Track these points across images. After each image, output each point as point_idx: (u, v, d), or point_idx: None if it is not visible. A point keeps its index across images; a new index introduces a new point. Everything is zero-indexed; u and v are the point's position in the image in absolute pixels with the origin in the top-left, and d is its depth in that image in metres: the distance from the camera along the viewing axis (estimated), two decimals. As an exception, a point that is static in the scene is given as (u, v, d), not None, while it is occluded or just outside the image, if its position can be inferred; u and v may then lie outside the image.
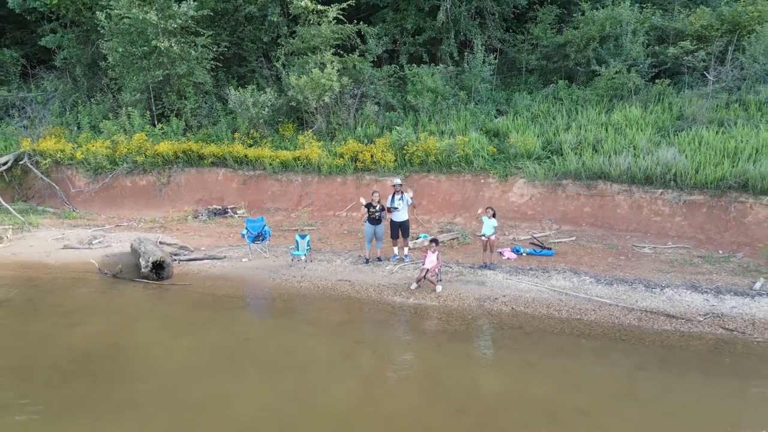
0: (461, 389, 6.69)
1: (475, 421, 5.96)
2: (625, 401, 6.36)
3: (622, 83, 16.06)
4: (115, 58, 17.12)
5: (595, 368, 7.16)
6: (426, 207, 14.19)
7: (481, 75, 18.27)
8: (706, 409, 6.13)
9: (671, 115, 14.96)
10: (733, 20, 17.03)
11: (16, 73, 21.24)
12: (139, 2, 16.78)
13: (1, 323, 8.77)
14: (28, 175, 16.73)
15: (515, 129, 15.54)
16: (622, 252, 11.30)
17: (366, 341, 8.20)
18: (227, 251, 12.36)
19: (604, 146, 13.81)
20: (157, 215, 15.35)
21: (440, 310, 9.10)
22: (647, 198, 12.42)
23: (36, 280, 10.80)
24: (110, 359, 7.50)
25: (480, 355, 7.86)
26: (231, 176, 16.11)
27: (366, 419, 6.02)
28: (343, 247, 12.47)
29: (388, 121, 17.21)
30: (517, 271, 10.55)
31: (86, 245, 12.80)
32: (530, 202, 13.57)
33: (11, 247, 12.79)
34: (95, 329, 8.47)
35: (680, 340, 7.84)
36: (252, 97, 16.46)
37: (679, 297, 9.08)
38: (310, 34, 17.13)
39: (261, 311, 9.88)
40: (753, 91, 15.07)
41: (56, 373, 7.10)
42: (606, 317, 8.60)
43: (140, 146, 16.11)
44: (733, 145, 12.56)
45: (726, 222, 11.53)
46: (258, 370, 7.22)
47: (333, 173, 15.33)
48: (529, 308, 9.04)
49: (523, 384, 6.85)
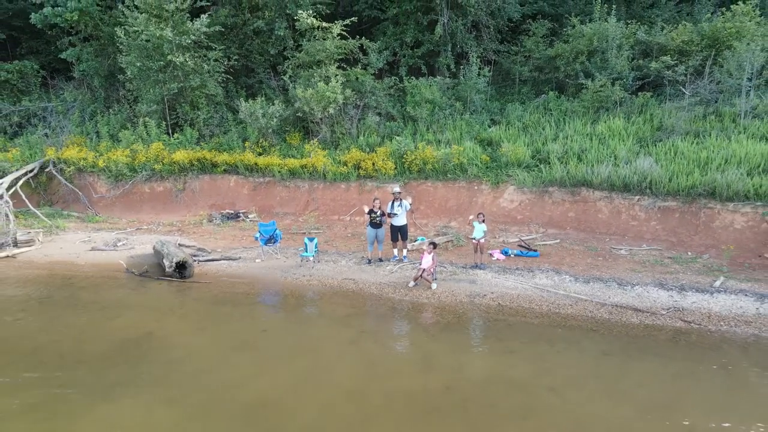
0: (450, 370, 7.83)
1: (461, 396, 7.10)
2: (590, 381, 7.50)
3: (607, 96, 17.21)
4: (132, 71, 18.27)
5: (567, 354, 8.29)
6: (423, 212, 15.33)
7: (477, 86, 19.42)
8: (656, 387, 7.25)
9: (652, 126, 16.12)
10: (713, 36, 18.17)
11: (37, 84, 22.46)
12: (155, 19, 17.93)
13: (48, 317, 9.90)
14: (53, 181, 17.90)
15: (507, 139, 16.69)
16: (600, 253, 12.45)
17: (369, 331, 9.36)
18: (241, 252, 13.51)
19: (588, 156, 14.96)
20: (175, 219, 16.51)
21: (435, 305, 10.24)
22: (626, 204, 13.57)
23: (71, 279, 11.95)
24: (146, 346, 8.65)
25: (468, 343, 9.00)
26: (242, 183, 17.28)
27: (368, 394, 7.16)
28: (348, 248, 13.62)
29: (389, 131, 18.37)
30: (504, 270, 11.70)
31: (112, 247, 13.97)
32: (519, 208, 14.72)
33: (43, 249, 13.96)
34: (131, 321, 9.62)
35: (644, 331, 8.98)
36: (261, 109, 17.63)
37: (647, 293, 10.23)
38: (316, 49, 18.26)
39: (275, 306, 11.01)
40: (729, 104, 16.21)
41: (101, 358, 8.25)
42: (581, 311, 9.75)
43: (158, 155, 17.28)
44: (705, 156, 13.70)
45: (696, 226, 12.67)
46: (275, 355, 8.37)
47: (337, 180, 16.49)
48: (513, 303, 10.18)
49: (504, 367, 7.99)
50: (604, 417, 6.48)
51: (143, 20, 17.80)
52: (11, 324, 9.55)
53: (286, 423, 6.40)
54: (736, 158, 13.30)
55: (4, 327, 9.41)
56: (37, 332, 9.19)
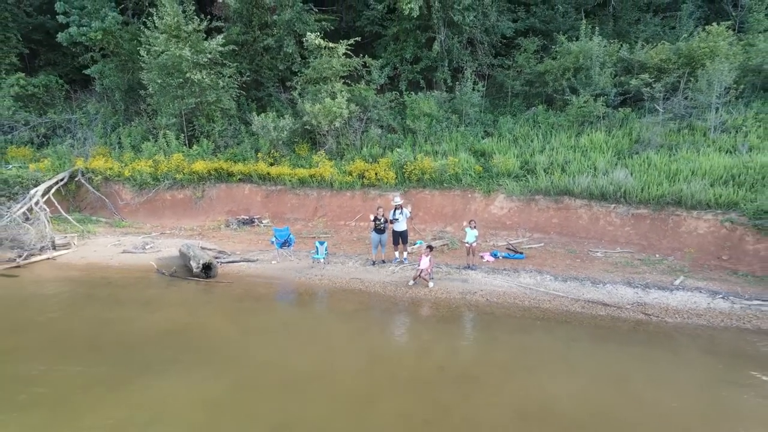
0: (444, 355, 9.37)
1: (452, 374, 8.63)
2: (558, 362, 9.03)
3: (590, 111, 18.75)
4: (154, 87, 19.80)
5: (542, 341, 9.82)
6: (422, 218, 16.86)
7: (471, 101, 20.95)
8: (612, 366, 8.78)
9: (630, 140, 17.67)
10: (689, 54, 19.69)
11: (61, 97, 23.97)
12: (174, 39, 19.46)
13: (96, 312, 11.41)
14: (81, 189, 19.41)
15: (499, 150, 18.24)
16: (579, 256, 14.00)
17: (374, 323, 10.90)
18: (258, 255, 15.04)
19: (570, 167, 16.52)
20: (195, 224, 18.05)
21: (431, 301, 11.79)
22: (603, 211, 15.12)
23: (109, 279, 13.47)
24: (186, 335, 10.17)
25: (459, 332, 10.54)
26: (256, 190, 18.82)
27: (375, 373, 8.69)
28: (354, 251, 15.15)
29: (390, 142, 19.92)
30: (493, 271, 13.24)
31: (141, 250, 15.50)
32: (508, 214, 16.27)
33: (79, 252, 15.49)
34: (169, 315, 11.16)
35: (609, 322, 10.53)
36: (273, 122, 19.16)
37: (616, 291, 11.78)
38: (322, 66, 19.78)
39: (292, 302, 12.53)
40: (701, 119, 17.75)
41: (149, 345, 9.76)
42: (557, 306, 11.29)
43: (178, 165, 18.81)
44: (675, 168, 15.26)
45: (665, 231, 14.21)
46: (296, 342, 9.91)
47: (343, 188, 18.03)
48: (500, 299, 11.72)
49: (489, 351, 9.54)
50: (565, 388, 8.01)
51: (164, 40, 19.32)
52: (67, 318, 11.06)
53: (310, 393, 7.92)
54: (702, 170, 14.84)
55: (61, 321, 10.91)
56: (89, 324, 10.71)
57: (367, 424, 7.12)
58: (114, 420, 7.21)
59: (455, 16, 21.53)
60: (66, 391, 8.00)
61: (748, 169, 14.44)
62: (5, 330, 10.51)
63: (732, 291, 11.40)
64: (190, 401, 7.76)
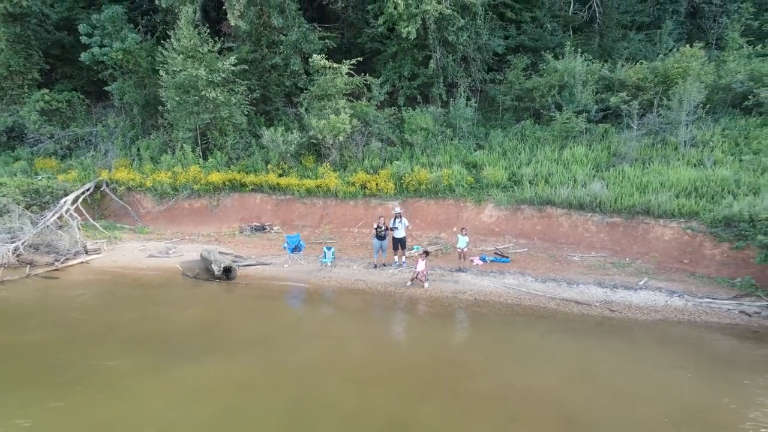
0: (437, 344, 11.05)
1: (443, 360, 10.31)
2: (533, 350, 10.71)
3: (572, 126, 20.46)
4: (171, 104, 21.46)
5: (520, 333, 11.51)
6: (418, 225, 18.53)
7: (464, 115, 22.65)
8: (577, 354, 10.47)
9: (608, 153, 19.38)
10: (664, 74, 21.41)
11: (82, 111, 25.63)
12: (191, 60, 21.12)
13: (133, 310, 13.06)
14: (105, 198, 21.05)
15: (489, 163, 19.93)
16: (558, 259, 15.71)
17: (377, 318, 12.60)
18: (271, 259, 16.70)
19: (553, 179, 18.21)
20: (211, 231, 19.71)
21: (426, 299, 13.47)
22: (581, 219, 16.82)
23: (140, 281, 15.13)
24: (215, 329, 11.83)
25: (450, 326, 12.22)
26: (266, 200, 20.49)
27: (377, 360, 10.36)
28: (357, 255, 16.83)
29: (389, 155, 21.61)
30: (482, 273, 14.94)
31: (165, 254, 17.17)
32: (496, 222, 17.97)
33: (109, 256, 17.14)
34: (198, 312, 12.84)
35: (580, 317, 12.22)
36: (282, 136, 20.83)
37: (588, 290, 13.49)
38: (327, 84, 21.45)
39: (304, 300, 14.18)
40: (673, 134, 19.47)
41: (184, 337, 11.41)
42: (536, 303, 12.99)
43: (195, 176, 20.48)
44: (646, 180, 16.97)
45: (635, 237, 15.91)
46: (309, 335, 11.58)
47: (347, 198, 19.71)
48: (486, 298, 13.41)
49: (475, 341, 11.24)
50: (537, 370, 9.71)
51: (181, 61, 20.98)
52: (108, 315, 12.71)
53: (323, 375, 9.59)
54: (670, 182, 16.55)
55: (104, 317, 12.56)
56: (129, 320, 12.36)
57: (371, 399, 8.79)
58: (160, 398, 8.85)
59: (450, 36, 23.23)
60: (114, 376, 9.59)
61: (710, 181, 16.15)
62: (55, 325, 12.16)
63: (687, 290, 13.12)
64: (222, 382, 9.41)
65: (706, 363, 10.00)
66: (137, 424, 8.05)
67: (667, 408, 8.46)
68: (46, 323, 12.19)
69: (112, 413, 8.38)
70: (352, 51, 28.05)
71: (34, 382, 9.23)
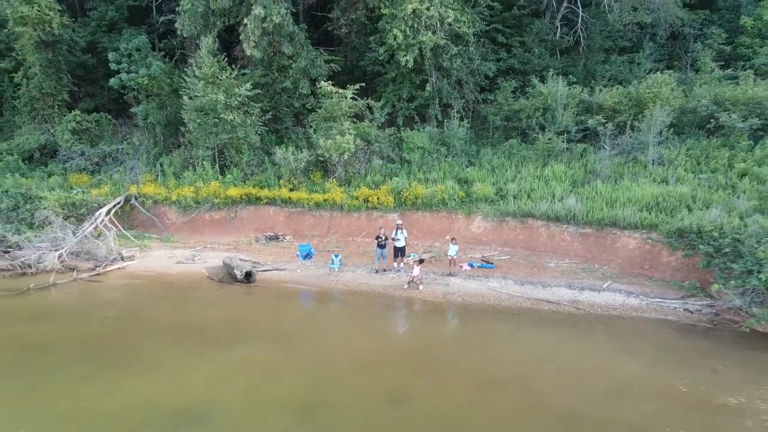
0: (429, 336, 13.31)
1: (433, 347, 12.58)
2: (508, 341, 12.95)
3: (553, 146, 22.78)
4: (193, 125, 23.83)
5: (499, 326, 13.77)
6: (415, 235, 20.79)
7: (457, 135, 24.98)
8: (544, 343, 12.71)
9: (585, 171, 21.68)
10: (638, 98, 23.76)
11: (109, 130, 28.03)
12: (211, 86, 23.49)
13: (172, 308, 15.34)
14: (134, 210, 23.36)
15: (479, 179, 22.23)
16: (536, 265, 17.98)
17: (379, 315, 14.88)
18: (285, 265, 18.97)
19: (535, 194, 20.50)
20: (230, 240, 22.01)
21: (421, 300, 15.72)
22: (558, 230, 19.10)
23: (172, 283, 17.41)
24: (241, 324, 14.08)
25: (441, 321, 14.50)
26: (279, 212, 22.81)
27: (380, 349, 12.62)
28: (361, 262, 19.10)
29: (389, 171, 23.92)
30: (469, 277, 17.20)
31: (191, 261, 19.45)
32: (484, 232, 20.26)
33: (142, 262, 19.43)
34: (225, 310, 15.11)
35: (550, 314, 14.47)
36: (293, 155, 23.18)
37: (559, 291, 15.75)
38: (333, 108, 23.79)
39: (315, 300, 16.44)
40: (644, 154, 21.77)
41: (213, 329, 13.65)
42: (514, 303, 15.25)
43: (215, 191, 22.80)
44: (615, 195, 19.24)
45: (604, 246, 18.17)
46: (321, 328, 13.87)
47: (351, 210, 21.99)
48: (472, 299, 15.65)
49: (460, 334, 13.53)
50: (508, 355, 11.98)
51: (202, 87, 23.37)
52: (150, 311, 15.00)
53: (334, 359, 11.86)
54: (636, 198, 18.82)
55: (146, 313, 14.84)
56: (168, 316, 14.65)
57: (374, 376, 11.05)
58: (201, 376, 11.08)
59: (444, 62, 25.61)
60: (162, 358, 11.86)
61: (670, 197, 18.41)
62: (107, 319, 14.45)
63: (643, 292, 15.39)
64: (250, 365, 11.64)
65: (647, 349, 12.25)
66: (185, 395, 10.29)
67: (608, 382, 10.74)
68: (99, 318, 14.49)
69: (164, 386, 10.64)
70: (354, 72, 30.52)
71: (99, 362, 11.51)
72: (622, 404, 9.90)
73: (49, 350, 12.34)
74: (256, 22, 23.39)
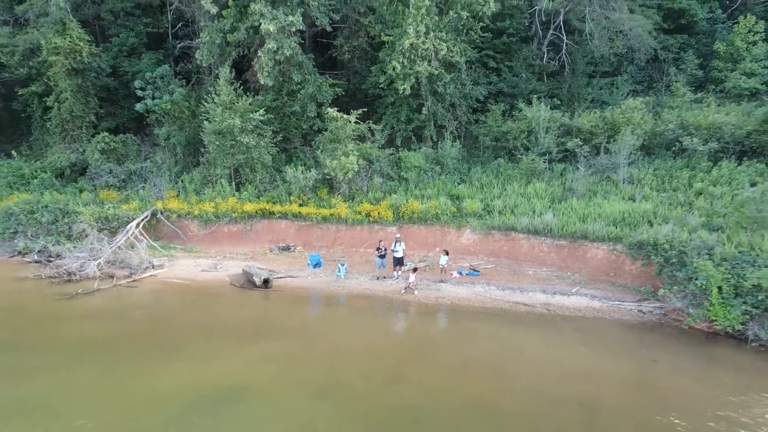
0: (422, 333, 15.93)
1: (425, 341, 15.19)
2: (489, 337, 15.49)
3: (535, 166, 25.44)
4: (212, 147, 26.50)
5: (481, 325, 16.34)
6: (411, 246, 23.37)
7: (450, 155, 27.64)
8: (517, 338, 15.30)
9: (563, 189, 24.32)
10: (612, 122, 26.46)
11: (134, 150, 30.73)
12: (228, 111, 26.17)
13: (200, 310, 17.92)
14: (160, 223, 25.97)
15: (469, 196, 24.86)
16: (517, 273, 20.58)
17: (379, 315, 17.48)
18: (297, 272, 21.56)
19: (518, 209, 23.12)
20: (246, 250, 24.62)
21: (416, 302, 18.31)
22: (537, 242, 21.70)
23: (200, 289, 19.98)
24: (264, 323, 16.67)
25: (432, 321, 17.08)
26: (290, 225, 25.43)
27: (380, 343, 15.21)
28: (364, 270, 21.68)
29: (389, 188, 26.55)
30: (458, 283, 19.78)
31: (214, 269, 22.05)
32: (472, 244, 22.88)
33: (170, 271, 22.01)
34: (249, 311, 17.71)
35: (525, 315, 17.06)
36: (302, 174, 25.83)
37: (534, 295, 18.34)
38: (338, 131, 26.44)
39: (324, 303, 18.99)
40: (616, 173, 24.41)
41: (239, 328, 16.22)
42: (496, 305, 17.84)
43: (233, 206, 25.44)
44: (588, 211, 21.85)
45: (577, 256, 20.76)
46: (330, 327, 16.48)
47: (355, 224, 24.60)
48: (460, 302, 18.24)
49: (448, 331, 16.14)
50: (487, 347, 14.57)
51: (220, 113, 26.06)
52: (184, 313, 17.59)
53: (343, 351, 14.44)
54: (605, 214, 21.43)
55: (181, 315, 17.43)
56: (200, 317, 17.22)
57: (376, 364, 13.63)
58: (235, 364, 13.65)
59: (439, 88, 28.31)
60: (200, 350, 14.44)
61: (635, 213, 21.02)
62: (149, 319, 17.02)
63: (605, 295, 17.99)
64: (273, 355, 14.21)
65: (602, 343, 14.86)
66: (222, 378, 12.84)
67: (566, 368, 13.33)
68: (141, 318, 17.10)
69: (204, 371, 13.20)
70: (357, 95, 33.29)
71: (147, 354, 14.11)
72: (575, 385, 12.48)
73: (105, 344, 14.91)
74: (269, 54, 26.09)
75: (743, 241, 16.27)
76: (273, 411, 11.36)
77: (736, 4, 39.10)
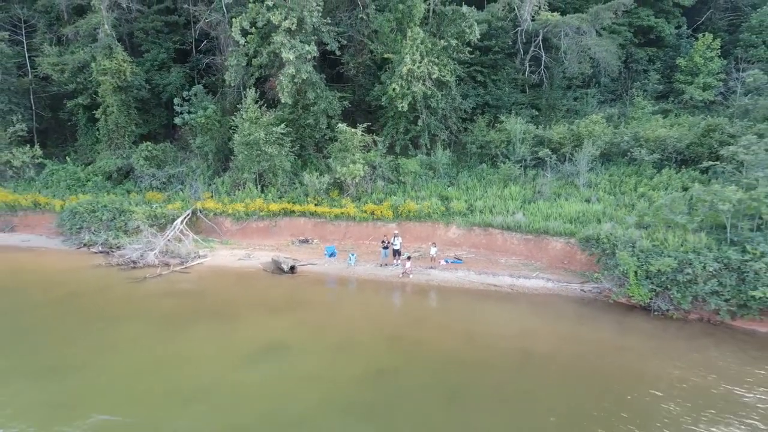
0: (415, 306, 21.23)
1: (417, 314, 20.46)
2: (465, 309, 20.72)
3: (512, 172, 30.49)
4: (241, 156, 31.55)
5: (460, 301, 21.54)
6: (407, 239, 28.48)
7: (442, 161, 32.68)
8: (486, 311, 20.55)
9: (533, 191, 29.39)
10: (577, 134, 31.43)
11: (171, 156, 35.78)
12: (254, 126, 31.16)
13: (243, 289, 23.11)
14: (198, 220, 31.08)
15: (456, 197, 29.93)
16: (491, 261, 25.78)
17: (382, 293, 22.75)
18: (315, 261, 26.72)
19: (495, 209, 28.21)
20: (272, 243, 29.80)
21: (411, 285, 23.53)
22: (509, 236, 26.83)
23: (239, 274, 25.16)
24: (291, 299, 21.87)
25: (424, 299, 22.33)
26: (307, 222, 30.58)
27: (382, 314, 20.48)
28: (370, 259, 26.84)
29: (389, 190, 31.63)
30: (444, 270, 24.95)
31: (248, 258, 27.24)
32: (457, 238, 28.05)
33: (213, 260, 27.21)
34: (281, 291, 22.92)
35: (494, 293, 22.26)
36: (317, 179, 30.91)
37: (503, 279, 23.53)
38: (347, 142, 31.41)
39: (339, 284, 24.16)
40: (578, 178, 29.45)
41: (274, 303, 21.43)
42: (473, 287, 23.02)
43: (260, 206, 30.56)
44: (551, 211, 26.94)
45: (540, 248, 25.89)
46: (345, 304, 21.80)
47: (361, 221, 29.71)
48: (446, 285, 23.43)
49: (436, 308, 21.48)
50: (463, 317, 19.83)
51: (247, 126, 31.07)
52: (231, 293, 22.81)
53: (356, 321, 19.69)
54: (565, 213, 26.53)
55: (228, 294, 22.65)
56: (243, 295, 22.43)
57: (380, 329, 18.87)
58: (274, 329, 18.91)
59: (432, 104, 33.28)
60: (246, 318, 19.70)
61: (588, 212, 26.12)
62: (206, 297, 22.22)
63: (557, 278, 23.19)
64: (304, 322, 19.47)
65: (548, 313, 20.10)
66: (268, 337, 18.05)
67: (515, 329, 18.59)
68: (201, 295, 22.37)
69: (254, 333, 18.44)
70: (361, 106, 38.27)
71: (210, 321, 19.34)
72: (521, 340, 17.72)
73: (183, 314, 20.13)
74: (289, 78, 31.05)
75: (659, 237, 21.38)
76: (309, 357, 16.63)
77: (702, 19, 43.93)
